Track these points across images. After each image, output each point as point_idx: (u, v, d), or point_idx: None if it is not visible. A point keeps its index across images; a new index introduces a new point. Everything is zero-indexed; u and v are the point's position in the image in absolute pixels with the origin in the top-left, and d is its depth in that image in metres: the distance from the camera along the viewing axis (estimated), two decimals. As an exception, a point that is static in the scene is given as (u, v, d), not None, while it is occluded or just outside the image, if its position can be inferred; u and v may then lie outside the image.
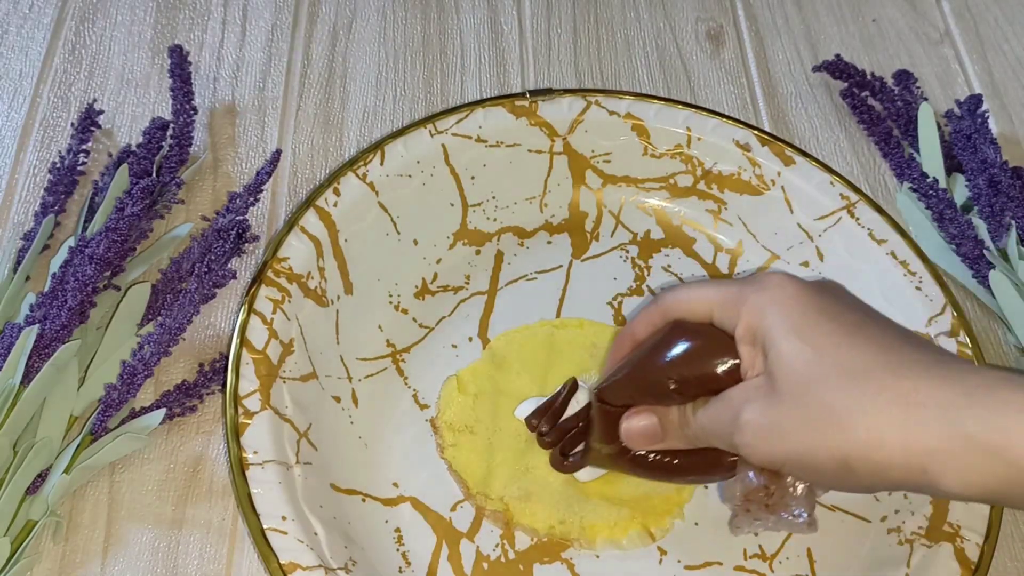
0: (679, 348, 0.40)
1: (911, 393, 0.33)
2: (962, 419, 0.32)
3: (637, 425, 0.42)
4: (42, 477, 0.44)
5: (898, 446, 0.33)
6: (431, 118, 0.54)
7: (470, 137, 0.54)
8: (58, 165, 0.54)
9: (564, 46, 0.65)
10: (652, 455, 0.42)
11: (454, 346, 0.50)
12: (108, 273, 0.49)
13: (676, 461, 0.42)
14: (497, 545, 0.45)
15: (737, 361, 0.38)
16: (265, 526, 0.41)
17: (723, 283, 0.40)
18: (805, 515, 0.39)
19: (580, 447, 0.45)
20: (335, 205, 0.50)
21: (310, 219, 0.49)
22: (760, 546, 0.45)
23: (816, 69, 0.63)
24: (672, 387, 0.40)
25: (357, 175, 0.51)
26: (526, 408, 0.47)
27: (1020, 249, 0.53)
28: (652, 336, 0.42)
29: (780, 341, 0.36)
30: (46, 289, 0.47)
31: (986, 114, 0.59)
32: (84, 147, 0.55)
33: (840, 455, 0.34)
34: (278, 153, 0.55)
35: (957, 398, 0.33)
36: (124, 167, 0.52)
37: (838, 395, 0.34)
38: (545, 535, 0.45)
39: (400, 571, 0.44)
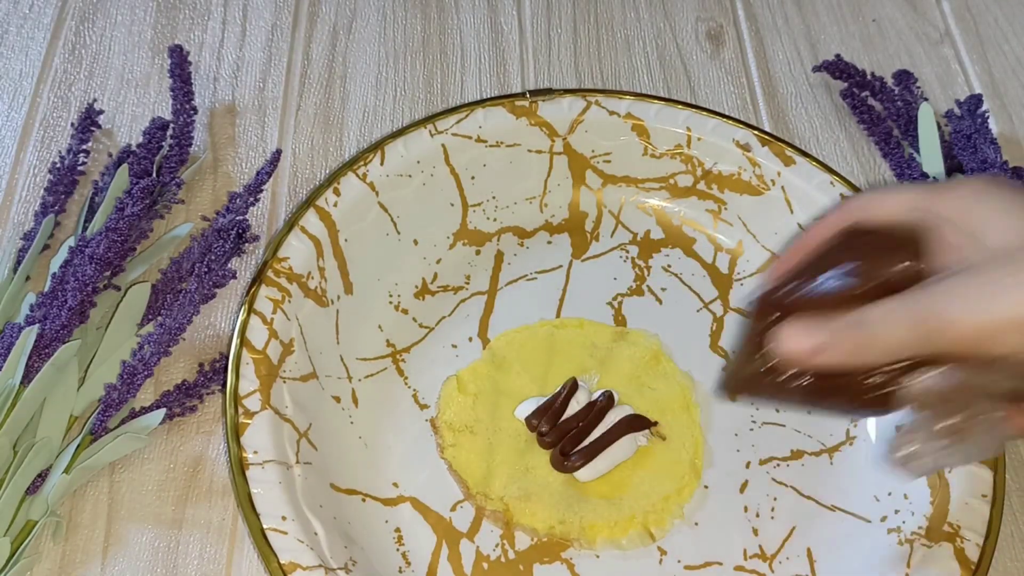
0: (860, 250, 0.37)
1: None
2: None
3: (799, 331, 0.36)
4: (42, 477, 0.44)
5: None
6: (431, 118, 0.54)
7: (470, 137, 0.54)
8: (58, 165, 0.54)
9: (564, 46, 0.65)
10: (803, 377, 0.37)
11: (454, 346, 0.50)
12: (108, 273, 0.49)
13: (829, 384, 0.37)
14: (497, 545, 0.45)
15: (922, 266, 0.36)
16: (265, 526, 0.41)
17: (909, 187, 0.38)
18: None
19: (581, 446, 0.45)
20: (335, 205, 0.50)
21: (310, 219, 0.49)
22: (760, 546, 0.45)
23: (816, 69, 0.63)
24: (854, 291, 0.36)
25: (357, 175, 0.51)
26: (526, 408, 0.47)
27: (1020, 249, 0.53)
28: (832, 239, 0.39)
29: (997, 221, 0.35)
30: (46, 289, 0.47)
31: (986, 114, 0.59)
32: (84, 147, 0.55)
33: None
34: (278, 153, 0.55)
35: None
36: (124, 167, 0.52)
37: None
38: (545, 535, 0.45)
39: (400, 571, 0.44)
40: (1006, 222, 0.35)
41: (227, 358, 0.45)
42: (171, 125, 0.55)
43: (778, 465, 0.48)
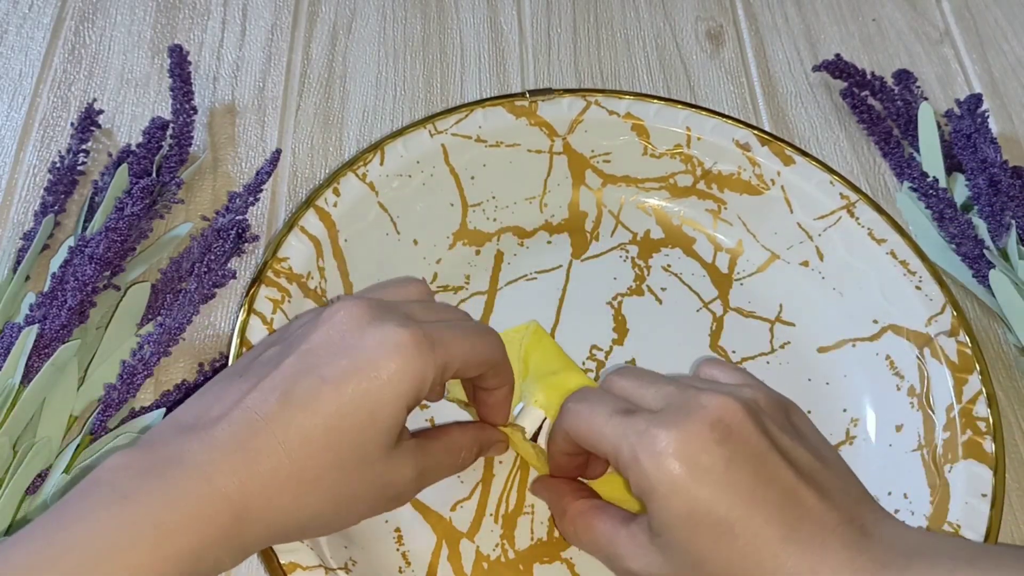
0: None
1: None
2: None
3: (541, 494, 0.45)
4: (42, 477, 0.44)
5: None
6: (431, 118, 0.54)
7: (470, 137, 0.54)
8: (58, 165, 0.54)
9: (564, 46, 0.65)
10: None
11: (454, 346, 0.50)
12: (108, 273, 0.49)
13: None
14: (497, 545, 0.45)
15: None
16: (265, 526, 0.41)
17: (618, 422, 0.38)
18: None
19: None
20: (335, 205, 0.50)
21: (310, 219, 0.49)
22: (760, 546, 0.45)
23: (816, 69, 0.63)
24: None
25: (357, 175, 0.51)
26: (516, 411, 0.46)
27: (1020, 249, 0.53)
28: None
29: (663, 531, 0.37)
30: (46, 289, 0.47)
31: (986, 114, 0.59)
32: (84, 147, 0.55)
33: None
34: (278, 153, 0.55)
35: None
36: (124, 167, 0.52)
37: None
38: None
39: (400, 571, 0.44)
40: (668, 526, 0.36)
41: (227, 358, 0.45)
42: (171, 125, 0.55)
43: (778, 465, 0.48)
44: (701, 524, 0.35)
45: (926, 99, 0.61)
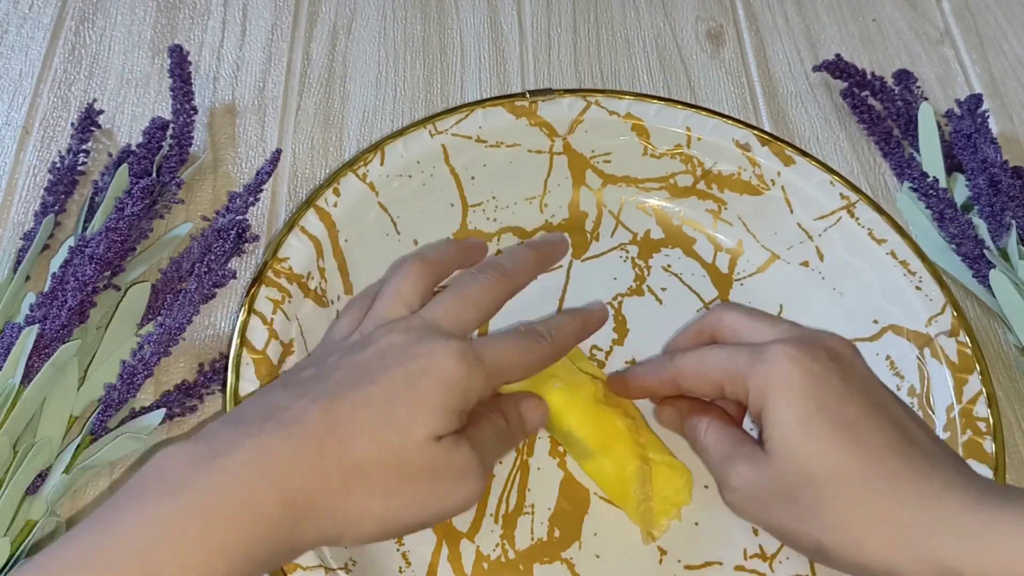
0: None
1: (889, 511, 0.36)
2: (932, 545, 0.35)
3: (667, 412, 0.46)
4: (42, 477, 0.44)
5: (873, 555, 0.36)
6: (431, 118, 0.54)
7: (470, 137, 0.54)
8: (58, 165, 0.54)
9: (564, 46, 0.65)
10: None
11: (454, 346, 0.50)
12: (108, 273, 0.49)
13: None
14: (497, 545, 0.45)
15: None
16: (265, 526, 0.41)
17: (729, 353, 0.42)
18: None
19: None
20: (335, 205, 0.50)
21: (310, 219, 0.49)
22: (760, 546, 0.45)
23: (816, 69, 0.63)
24: None
25: (357, 175, 0.51)
26: None
27: (1020, 249, 0.53)
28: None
29: (776, 432, 0.38)
30: (46, 289, 0.47)
31: (986, 114, 0.59)
32: (84, 147, 0.55)
33: (817, 545, 0.38)
34: (278, 153, 0.55)
35: (932, 524, 0.35)
36: (124, 167, 0.52)
37: (822, 497, 0.37)
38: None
39: (400, 571, 0.44)
40: (782, 439, 0.38)
41: (227, 358, 0.45)
42: (171, 125, 0.55)
43: (778, 465, 0.48)
44: (815, 423, 0.37)
45: (926, 99, 0.61)
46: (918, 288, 0.50)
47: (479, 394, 0.39)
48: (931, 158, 0.57)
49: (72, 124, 0.57)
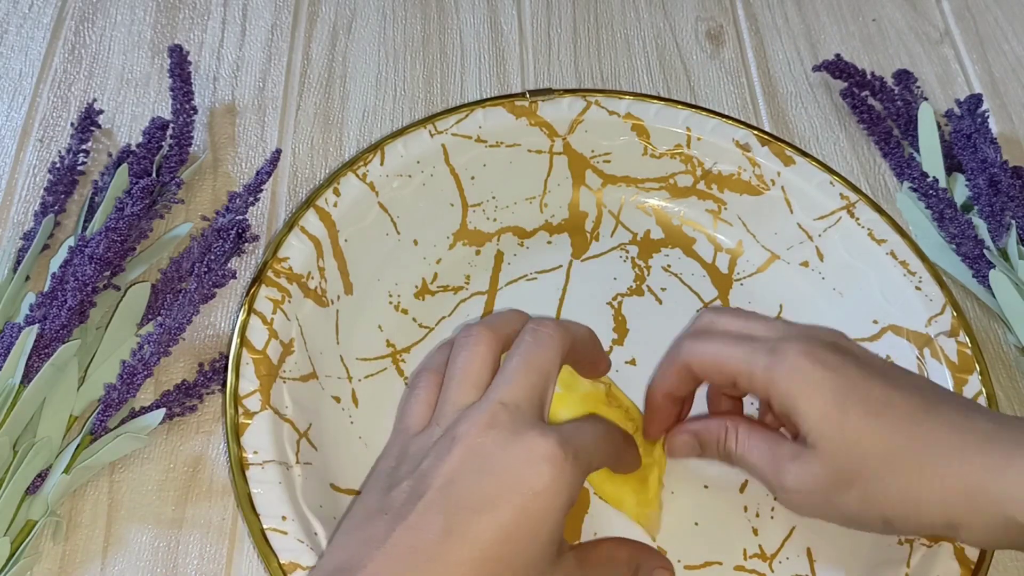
0: None
1: (938, 471, 0.37)
2: (986, 492, 0.37)
3: (679, 439, 0.45)
4: (42, 477, 0.44)
5: (934, 515, 0.38)
6: (431, 118, 0.54)
7: (470, 137, 0.54)
8: (58, 165, 0.54)
9: (564, 46, 0.65)
10: None
11: (454, 346, 0.50)
12: (108, 273, 0.49)
13: None
14: (497, 545, 0.45)
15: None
16: (265, 526, 0.41)
17: (743, 346, 0.41)
18: None
19: None
20: (335, 205, 0.50)
21: (310, 219, 0.49)
22: (760, 546, 0.45)
23: (816, 69, 0.63)
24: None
25: (357, 175, 0.51)
26: None
27: (1020, 249, 0.53)
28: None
29: (816, 428, 0.39)
30: (46, 289, 0.47)
31: (986, 114, 0.59)
32: (84, 147, 0.55)
33: (883, 519, 0.39)
34: (278, 153, 0.55)
35: (983, 473, 0.37)
36: (124, 167, 0.52)
37: (877, 476, 0.38)
38: None
39: (400, 571, 0.44)
40: (819, 433, 0.39)
41: (227, 358, 0.45)
42: (171, 125, 0.55)
43: (778, 465, 0.48)
44: (851, 410, 0.38)
45: (926, 99, 0.61)
46: (918, 288, 0.50)
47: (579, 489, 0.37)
48: (931, 158, 0.57)
49: (72, 124, 0.57)
